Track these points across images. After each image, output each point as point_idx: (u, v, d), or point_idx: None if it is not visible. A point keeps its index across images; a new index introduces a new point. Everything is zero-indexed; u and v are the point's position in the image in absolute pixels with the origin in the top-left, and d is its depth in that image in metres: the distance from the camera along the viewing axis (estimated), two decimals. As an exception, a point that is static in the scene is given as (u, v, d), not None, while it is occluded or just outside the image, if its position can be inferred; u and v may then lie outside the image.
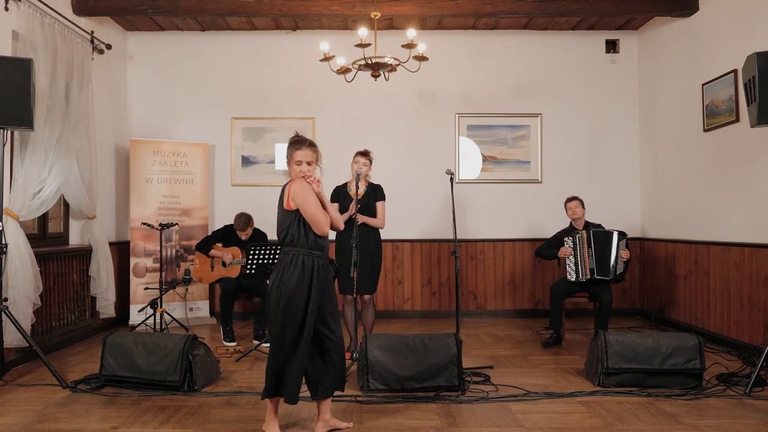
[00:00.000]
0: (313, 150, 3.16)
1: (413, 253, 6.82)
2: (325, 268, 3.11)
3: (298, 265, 3.04)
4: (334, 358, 3.13)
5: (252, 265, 4.80)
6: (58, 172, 4.90)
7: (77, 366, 4.60)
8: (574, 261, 5.30)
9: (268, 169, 6.86)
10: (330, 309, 3.13)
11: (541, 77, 6.92)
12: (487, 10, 5.81)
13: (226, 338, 5.38)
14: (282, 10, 5.79)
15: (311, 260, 3.06)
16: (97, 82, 5.76)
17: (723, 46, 5.24)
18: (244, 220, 5.55)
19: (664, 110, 6.32)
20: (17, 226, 4.45)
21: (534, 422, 3.33)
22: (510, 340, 5.55)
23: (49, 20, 4.94)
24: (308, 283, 3.02)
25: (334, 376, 3.14)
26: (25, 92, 3.93)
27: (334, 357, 3.13)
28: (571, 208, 5.46)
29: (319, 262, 3.08)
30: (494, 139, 6.89)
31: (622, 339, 3.98)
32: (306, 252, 3.06)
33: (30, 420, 3.38)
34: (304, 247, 3.06)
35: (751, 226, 4.86)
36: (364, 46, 4.73)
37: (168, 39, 6.87)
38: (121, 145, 6.60)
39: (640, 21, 6.59)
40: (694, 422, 3.31)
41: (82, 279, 5.66)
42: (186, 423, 3.33)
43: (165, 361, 3.85)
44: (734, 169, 5.09)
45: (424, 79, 6.58)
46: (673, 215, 6.14)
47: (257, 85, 6.89)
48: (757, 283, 4.76)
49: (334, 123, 6.86)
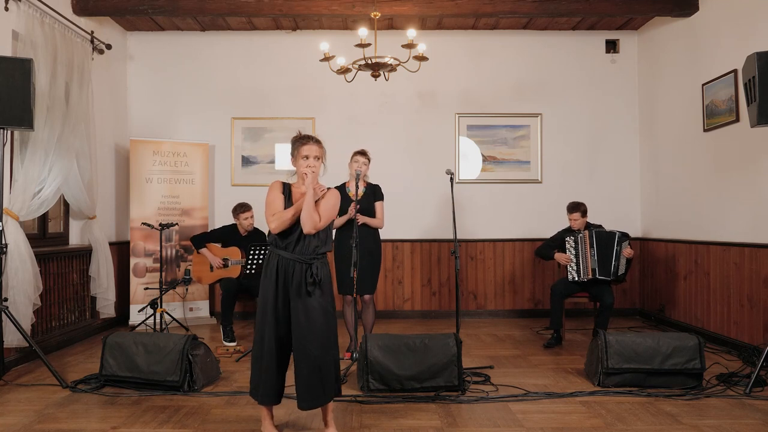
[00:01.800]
0: (319, 146, 3.19)
1: (413, 253, 6.82)
2: (289, 269, 2.99)
3: (268, 263, 3.08)
4: (302, 370, 2.94)
5: (252, 265, 4.80)
6: (58, 172, 4.90)
7: (77, 366, 4.60)
8: (576, 261, 5.30)
9: (268, 169, 6.86)
10: (301, 318, 2.94)
11: (541, 77, 6.92)
12: (487, 10, 5.81)
13: (226, 338, 5.38)
14: (282, 10, 5.80)
15: (276, 258, 3.04)
16: (97, 82, 5.76)
17: (723, 46, 5.24)
18: (246, 204, 5.65)
19: (664, 110, 6.32)
20: (17, 226, 4.45)
21: (534, 422, 3.33)
22: (510, 340, 5.55)
23: (49, 20, 4.93)
24: (274, 281, 3.01)
25: (306, 389, 2.93)
26: (25, 92, 3.93)
27: (302, 369, 2.94)
28: (573, 219, 5.39)
29: (284, 261, 3.01)
30: (494, 139, 6.89)
31: (622, 339, 3.98)
32: (273, 249, 3.08)
33: (30, 420, 3.38)
34: (272, 245, 3.09)
35: (751, 226, 4.86)
36: (364, 46, 4.73)
37: (168, 39, 6.87)
38: (121, 145, 6.60)
39: (640, 21, 6.59)
40: (694, 422, 3.31)
41: (82, 279, 5.66)
42: (186, 423, 3.33)
43: (165, 361, 3.85)
44: (734, 169, 5.09)
45: (424, 79, 6.58)
46: (673, 215, 6.14)
47: (257, 85, 6.89)
48: (757, 283, 4.76)
49: (334, 123, 6.86)
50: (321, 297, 2.99)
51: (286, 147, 6.93)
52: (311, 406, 2.97)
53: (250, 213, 5.65)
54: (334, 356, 3.02)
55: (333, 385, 3.01)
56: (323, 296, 3.01)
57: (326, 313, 3.00)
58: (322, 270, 3.03)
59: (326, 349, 2.97)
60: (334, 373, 3.01)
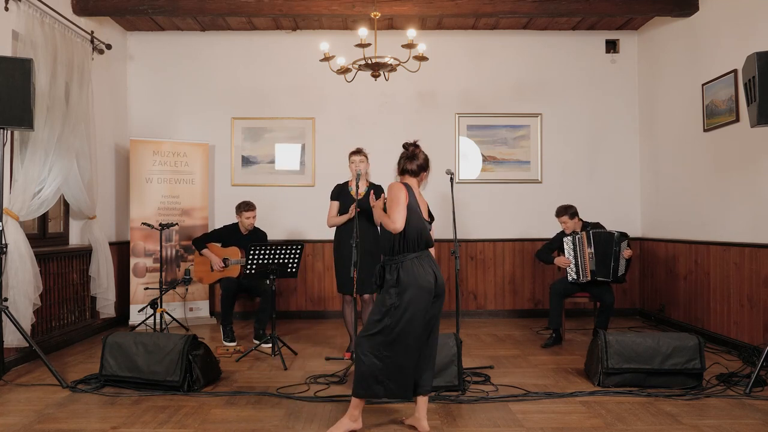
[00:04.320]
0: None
1: (413, 253, 6.80)
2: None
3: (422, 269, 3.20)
4: (431, 362, 3.27)
5: (252, 265, 4.80)
6: (58, 172, 4.90)
7: (77, 366, 4.60)
8: (575, 262, 5.30)
9: (268, 169, 6.86)
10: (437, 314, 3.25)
11: (541, 77, 6.92)
12: (487, 10, 5.81)
13: (226, 338, 5.38)
14: (282, 10, 5.79)
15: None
16: (97, 82, 5.76)
17: (723, 46, 5.24)
18: (250, 203, 5.63)
19: (664, 110, 6.32)
20: (17, 226, 4.45)
21: (534, 422, 3.33)
22: (510, 340, 5.55)
23: (49, 20, 4.93)
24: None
25: (431, 378, 3.24)
26: (25, 92, 3.93)
27: (431, 361, 3.27)
28: (562, 223, 5.43)
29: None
30: (494, 139, 6.89)
31: (622, 339, 3.98)
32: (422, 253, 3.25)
33: (30, 420, 3.38)
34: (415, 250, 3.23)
35: (751, 226, 4.86)
36: (364, 46, 4.73)
37: (168, 39, 6.87)
38: (121, 145, 6.60)
39: (640, 21, 6.59)
40: (694, 422, 3.31)
41: (82, 279, 5.66)
42: (186, 423, 3.33)
43: (165, 361, 3.85)
44: (734, 169, 5.09)
45: (424, 79, 6.58)
46: (673, 215, 6.14)
47: (257, 85, 6.89)
48: (757, 283, 4.76)
49: (334, 123, 6.86)
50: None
51: (286, 147, 6.99)
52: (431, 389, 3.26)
53: (252, 213, 5.63)
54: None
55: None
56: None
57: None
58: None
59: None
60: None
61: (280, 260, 4.86)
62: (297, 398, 3.74)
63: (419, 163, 3.29)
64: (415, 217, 3.15)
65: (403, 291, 3.05)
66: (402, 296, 3.04)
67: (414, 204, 3.18)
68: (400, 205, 3.10)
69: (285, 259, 4.87)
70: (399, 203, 3.10)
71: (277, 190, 6.83)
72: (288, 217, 6.79)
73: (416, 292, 3.05)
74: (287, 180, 6.85)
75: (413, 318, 3.04)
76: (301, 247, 4.93)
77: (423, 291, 3.06)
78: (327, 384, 4.04)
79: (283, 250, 4.85)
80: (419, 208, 3.22)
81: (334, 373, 4.27)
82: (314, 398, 3.75)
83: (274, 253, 4.83)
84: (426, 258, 3.17)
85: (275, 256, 4.84)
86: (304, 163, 6.87)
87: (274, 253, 4.83)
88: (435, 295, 3.12)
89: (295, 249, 4.90)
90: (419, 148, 3.32)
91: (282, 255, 4.85)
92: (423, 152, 3.32)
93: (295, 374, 4.32)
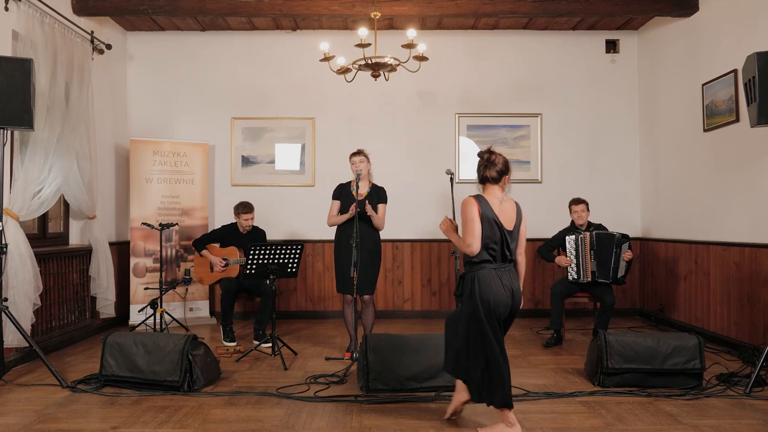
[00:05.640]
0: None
1: (413, 253, 6.82)
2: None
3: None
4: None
5: (252, 265, 4.80)
6: (58, 172, 4.90)
7: (77, 366, 4.60)
8: (576, 261, 5.30)
9: (268, 169, 6.86)
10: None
11: (541, 77, 6.92)
12: (487, 10, 5.81)
13: (226, 338, 5.38)
14: (282, 10, 5.79)
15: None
16: (97, 82, 5.76)
17: (723, 46, 5.24)
18: (249, 205, 5.62)
19: (664, 110, 6.32)
20: (17, 226, 4.45)
21: (534, 422, 3.33)
22: (510, 340, 5.55)
23: (49, 20, 4.93)
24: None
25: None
26: (25, 92, 3.93)
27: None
28: (577, 212, 5.42)
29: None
30: (494, 139, 6.88)
31: (623, 339, 3.98)
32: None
33: (30, 420, 3.38)
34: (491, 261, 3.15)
35: (751, 226, 4.86)
36: (364, 46, 4.73)
37: (168, 39, 6.87)
38: (121, 145, 6.59)
39: (640, 21, 6.59)
40: (694, 422, 3.31)
41: (82, 279, 5.66)
42: (186, 423, 3.33)
43: (165, 361, 3.85)
44: (734, 169, 5.09)
45: (424, 79, 6.58)
46: (673, 215, 6.14)
47: (257, 85, 6.89)
48: (757, 283, 4.75)
49: (334, 123, 6.86)
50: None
51: (286, 147, 6.99)
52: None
53: (251, 215, 5.63)
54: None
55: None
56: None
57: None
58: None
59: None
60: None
61: (280, 260, 4.86)
62: (297, 398, 3.74)
63: (499, 168, 3.13)
64: (487, 227, 3.03)
65: (475, 303, 3.02)
66: (468, 308, 3.05)
67: (490, 215, 3.05)
68: (472, 223, 2.99)
69: (285, 259, 4.87)
70: (471, 222, 2.99)
71: (277, 190, 6.83)
72: (288, 217, 6.79)
73: (485, 306, 3.00)
74: (287, 180, 6.85)
75: (485, 330, 3.02)
76: (301, 247, 4.93)
77: (494, 305, 3.02)
78: (327, 384, 4.04)
79: (283, 250, 4.85)
80: (498, 219, 3.06)
81: (334, 373, 4.27)
82: (314, 398, 3.75)
83: (274, 253, 4.83)
84: (505, 272, 3.09)
85: (275, 256, 4.83)
86: (304, 163, 6.87)
87: (274, 253, 4.83)
88: (510, 312, 3.09)
89: (295, 249, 4.90)
90: (495, 153, 3.15)
91: (282, 255, 4.85)
92: (500, 155, 3.16)
93: (295, 374, 4.32)
